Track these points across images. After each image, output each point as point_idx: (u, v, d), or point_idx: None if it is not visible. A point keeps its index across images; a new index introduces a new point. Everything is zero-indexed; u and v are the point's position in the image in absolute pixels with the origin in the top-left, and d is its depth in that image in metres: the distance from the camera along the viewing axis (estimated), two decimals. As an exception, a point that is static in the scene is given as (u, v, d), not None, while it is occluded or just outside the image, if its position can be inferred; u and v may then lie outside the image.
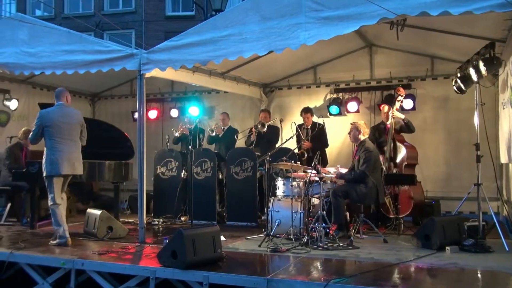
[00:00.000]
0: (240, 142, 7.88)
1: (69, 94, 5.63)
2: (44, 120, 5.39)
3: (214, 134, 7.80)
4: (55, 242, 5.33)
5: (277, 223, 5.69)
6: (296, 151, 6.88)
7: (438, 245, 4.91)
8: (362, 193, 5.59)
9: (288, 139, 6.27)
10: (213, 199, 7.07)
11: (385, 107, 6.84)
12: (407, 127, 6.55)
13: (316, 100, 8.34)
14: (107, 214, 5.83)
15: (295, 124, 6.29)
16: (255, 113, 8.76)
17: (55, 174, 5.33)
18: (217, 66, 7.17)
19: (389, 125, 6.58)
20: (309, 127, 7.48)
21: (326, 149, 7.50)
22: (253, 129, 7.45)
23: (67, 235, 5.34)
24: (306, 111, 7.53)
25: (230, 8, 5.07)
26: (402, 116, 6.58)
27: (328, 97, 8.28)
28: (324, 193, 5.70)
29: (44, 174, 5.37)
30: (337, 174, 5.81)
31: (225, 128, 8.00)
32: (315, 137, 7.29)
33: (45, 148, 5.42)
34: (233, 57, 4.85)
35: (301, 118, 7.53)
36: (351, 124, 6.02)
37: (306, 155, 7.23)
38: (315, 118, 7.74)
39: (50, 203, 5.38)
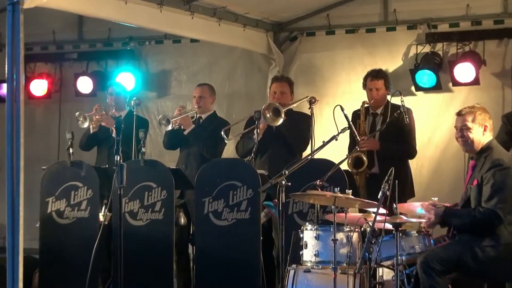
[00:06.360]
0: (229, 147, 7.98)
1: None
2: None
3: (172, 127, 7.85)
4: None
5: (303, 320, 5.77)
6: (345, 166, 6.87)
7: None
8: (487, 258, 5.60)
9: (328, 140, 6.27)
10: (168, 268, 7.15)
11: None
12: None
13: (388, 57, 8.47)
14: None
15: (342, 109, 6.34)
16: (257, 85, 8.85)
17: None
18: (176, -16, 7.20)
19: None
20: (378, 111, 7.58)
21: (410, 161, 7.60)
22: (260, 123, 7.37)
23: None
24: (376, 75, 7.71)
25: None
26: None
27: (413, 51, 8.37)
28: (404, 258, 5.71)
29: None
30: (435, 215, 5.80)
31: (203, 116, 8.07)
32: (389, 133, 7.36)
33: None
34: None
35: (364, 92, 7.70)
36: (457, 115, 5.90)
37: (365, 162, 7.30)
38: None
39: None
